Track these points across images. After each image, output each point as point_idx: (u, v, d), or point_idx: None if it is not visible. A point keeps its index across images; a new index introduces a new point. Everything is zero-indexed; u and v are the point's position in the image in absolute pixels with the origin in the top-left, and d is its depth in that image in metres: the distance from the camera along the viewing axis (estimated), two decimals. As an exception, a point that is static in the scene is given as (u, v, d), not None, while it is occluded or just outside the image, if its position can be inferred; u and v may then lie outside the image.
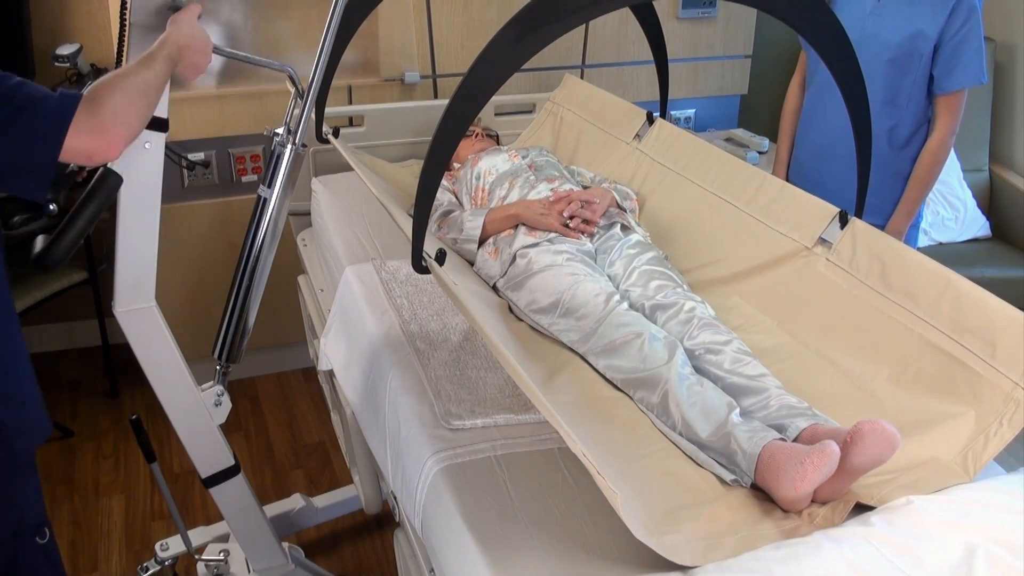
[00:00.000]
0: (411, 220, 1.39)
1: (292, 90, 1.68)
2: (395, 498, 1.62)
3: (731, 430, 1.39)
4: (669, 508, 1.29)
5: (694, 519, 1.26)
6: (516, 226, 1.99)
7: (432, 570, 1.42)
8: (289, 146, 1.62)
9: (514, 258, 1.91)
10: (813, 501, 1.30)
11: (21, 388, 1.35)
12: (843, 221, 1.71)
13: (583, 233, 1.96)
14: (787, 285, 1.75)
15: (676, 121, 3.28)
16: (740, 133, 3.22)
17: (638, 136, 2.35)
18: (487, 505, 1.32)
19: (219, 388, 1.70)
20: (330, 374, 2.00)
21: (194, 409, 1.67)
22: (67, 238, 1.37)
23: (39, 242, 1.36)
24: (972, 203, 3.21)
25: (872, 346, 1.55)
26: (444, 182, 2.32)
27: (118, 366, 2.92)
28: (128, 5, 1.35)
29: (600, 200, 2.01)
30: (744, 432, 1.37)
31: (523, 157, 2.27)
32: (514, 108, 2.87)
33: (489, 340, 1.24)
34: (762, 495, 1.34)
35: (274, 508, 2.23)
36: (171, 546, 2.09)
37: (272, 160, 1.64)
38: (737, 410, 1.44)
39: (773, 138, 2.77)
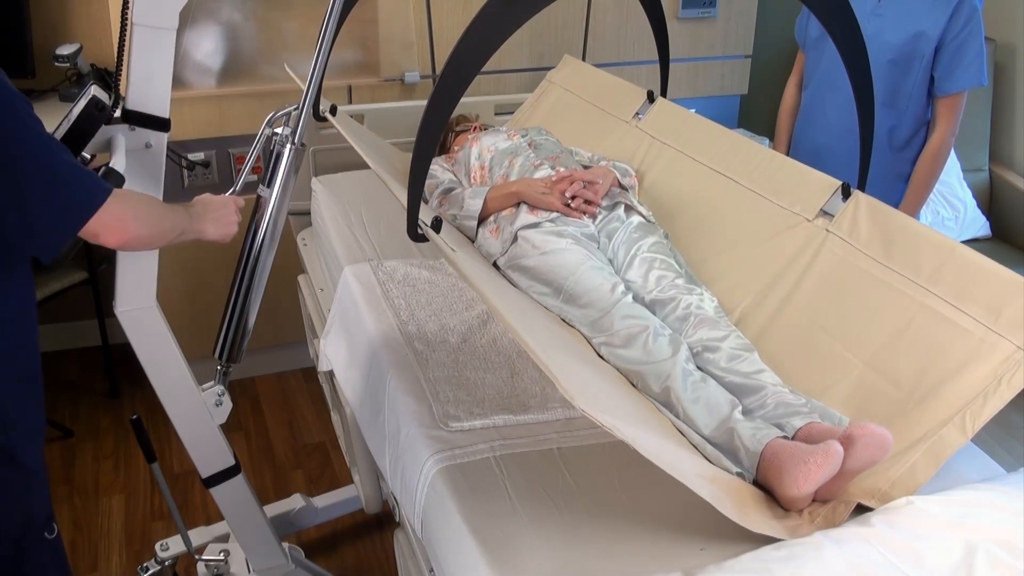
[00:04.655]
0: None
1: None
2: (395, 498, 1.62)
3: (734, 426, 1.39)
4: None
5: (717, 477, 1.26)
6: (518, 204, 1.98)
7: (432, 570, 1.42)
8: (289, 145, 1.62)
9: (515, 237, 1.90)
10: (812, 500, 1.30)
11: (39, 390, 1.40)
12: (845, 194, 1.70)
13: (585, 214, 1.96)
14: (788, 257, 1.74)
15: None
16: (740, 133, 3.21)
17: (638, 115, 2.34)
18: (487, 505, 1.32)
19: (220, 388, 1.70)
20: (330, 374, 2.00)
21: (194, 409, 1.67)
22: (68, 238, 1.38)
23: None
24: (972, 203, 3.21)
25: (872, 316, 1.54)
26: (444, 164, 2.32)
27: (118, 366, 2.92)
28: (129, 5, 1.35)
29: (603, 180, 2.00)
30: (747, 429, 1.37)
31: (522, 136, 2.26)
32: (513, 107, 2.87)
33: (488, 300, 1.22)
34: (762, 495, 1.34)
35: (274, 508, 2.23)
36: (171, 546, 2.09)
37: (272, 160, 1.64)
38: (740, 407, 1.44)
39: (773, 138, 2.77)
